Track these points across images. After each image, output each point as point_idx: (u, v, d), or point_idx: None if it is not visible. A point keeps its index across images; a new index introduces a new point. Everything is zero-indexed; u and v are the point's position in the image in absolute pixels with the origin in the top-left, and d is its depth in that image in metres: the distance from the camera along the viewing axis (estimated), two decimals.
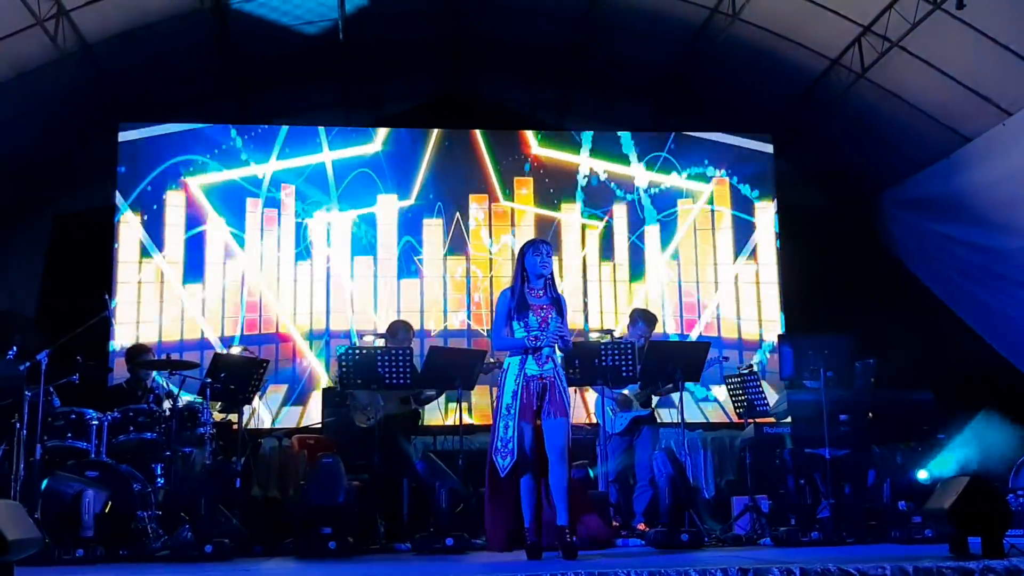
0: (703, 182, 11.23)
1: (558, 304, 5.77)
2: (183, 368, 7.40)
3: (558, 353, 5.85)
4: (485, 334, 10.46)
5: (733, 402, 8.50)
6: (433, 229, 10.87)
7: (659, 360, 7.53)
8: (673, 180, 11.21)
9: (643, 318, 8.24)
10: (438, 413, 8.92)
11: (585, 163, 11.15)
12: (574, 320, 10.69)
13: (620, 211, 11.11)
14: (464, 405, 7.66)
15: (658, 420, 8.28)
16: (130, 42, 9.73)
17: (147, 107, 10.76)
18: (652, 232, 11.09)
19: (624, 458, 7.93)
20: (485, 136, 11.11)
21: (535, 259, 5.74)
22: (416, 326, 9.47)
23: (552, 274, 5.83)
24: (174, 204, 10.56)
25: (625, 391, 7.88)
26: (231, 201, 10.65)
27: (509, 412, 5.67)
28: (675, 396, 7.70)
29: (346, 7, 10.16)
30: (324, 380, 10.24)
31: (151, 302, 10.33)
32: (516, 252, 6.24)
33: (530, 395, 5.66)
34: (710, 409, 10.61)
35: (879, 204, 11.48)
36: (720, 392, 10.22)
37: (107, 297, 7.02)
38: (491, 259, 10.88)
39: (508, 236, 10.93)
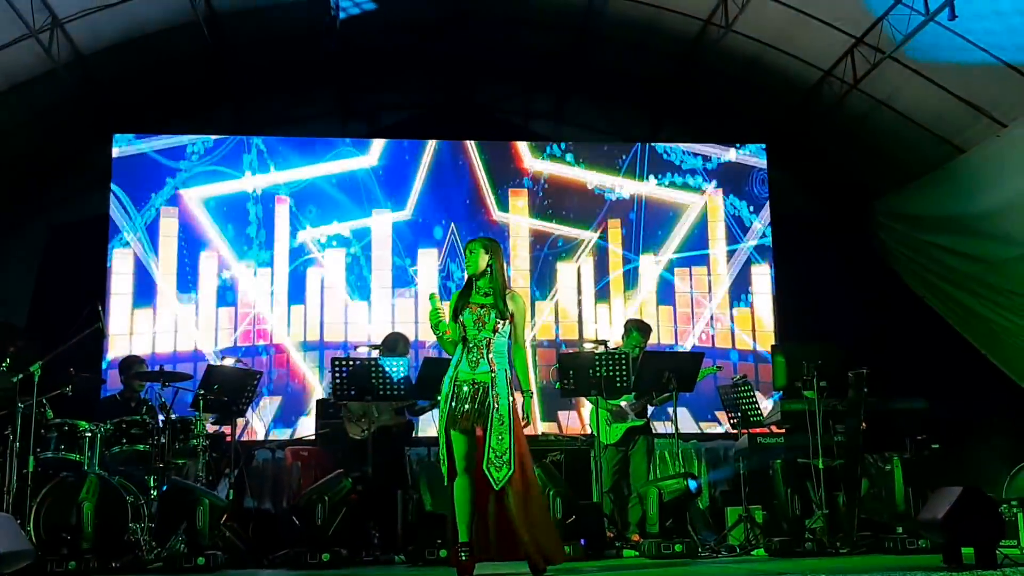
0: (696, 192, 11.23)
1: (500, 303, 5.43)
2: (176, 380, 7.40)
3: (499, 356, 5.45)
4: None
5: (727, 412, 8.50)
6: (428, 239, 10.87)
7: (653, 370, 7.53)
8: (667, 191, 11.21)
9: (637, 328, 8.25)
10: (432, 424, 8.91)
11: (580, 175, 11.15)
12: (570, 331, 10.72)
13: (614, 222, 11.11)
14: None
15: (653, 431, 8.28)
16: (124, 53, 9.75)
17: (141, 117, 10.76)
18: (647, 242, 11.09)
19: (619, 469, 7.93)
20: (479, 148, 11.08)
21: (463, 261, 5.56)
22: (411, 338, 9.45)
23: (486, 270, 5.48)
24: (168, 215, 10.54)
25: (622, 403, 7.88)
26: (225, 212, 10.63)
27: (442, 419, 5.44)
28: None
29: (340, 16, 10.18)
30: (317, 392, 10.20)
31: (145, 313, 10.31)
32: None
33: (460, 401, 5.36)
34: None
35: (873, 214, 11.50)
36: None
37: (100, 308, 7.00)
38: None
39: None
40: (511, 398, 5.42)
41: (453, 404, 5.38)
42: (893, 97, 9.96)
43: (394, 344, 8.14)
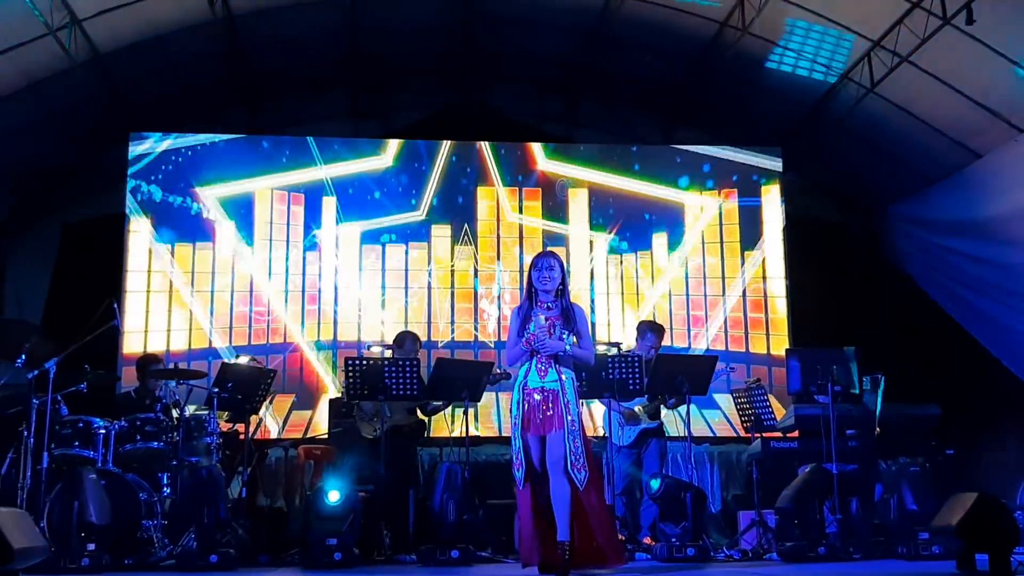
0: (711, 195, 11.20)
1: (567, 315, 5.68)
2: (191, 377, 7.42)
3: (565, 364, 5.67)
4: (492, 345, 10.48)
5: (740, 416, 8.48)
6: (442, 240, 10.87)
7: (667, 373, 7.50)
8: (681, 193, 11.20)
9: (651, 330, 8.22)
10: (444, 424, 8.92)
11: (592, 176, 11.14)
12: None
13: (627, 224, 11.10)
14: (471, 416, 7.61)
15: (666, 433, 8.26)
16: (141, 52, 9.78)
17: (158, 117, 10.80)
18: (659, 245, 11.07)
19: (631, 471, 7.91)
20: (493, 149, 11.09)
21: (536, 274, 5.71)
22: (423, 337, 9.47)
23: (560, 286, 5.71)
24: (183, 214, 10.58)
25: (637, 407, 7.86)
26: (240, 211, 10.67)
27: (515, 425, 5.66)
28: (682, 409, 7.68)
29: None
30: (332, 391, 10.21)
31: (160, 311, 10.35)
32: (526, 267, 6.10)
33: (532, 407, 5.60)
34: (717, 422, 10.55)
35: (888, 219, 11.46)
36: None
37: (115, 306, 7.02)
38: (498, 271, 10.87)
39: (516, 248, 10.94)
40: (579, 403, 5.68)
41: (525, 409, 5.60)
42: (910, 101, 9.91)
43: (402, 341, 8.14)
